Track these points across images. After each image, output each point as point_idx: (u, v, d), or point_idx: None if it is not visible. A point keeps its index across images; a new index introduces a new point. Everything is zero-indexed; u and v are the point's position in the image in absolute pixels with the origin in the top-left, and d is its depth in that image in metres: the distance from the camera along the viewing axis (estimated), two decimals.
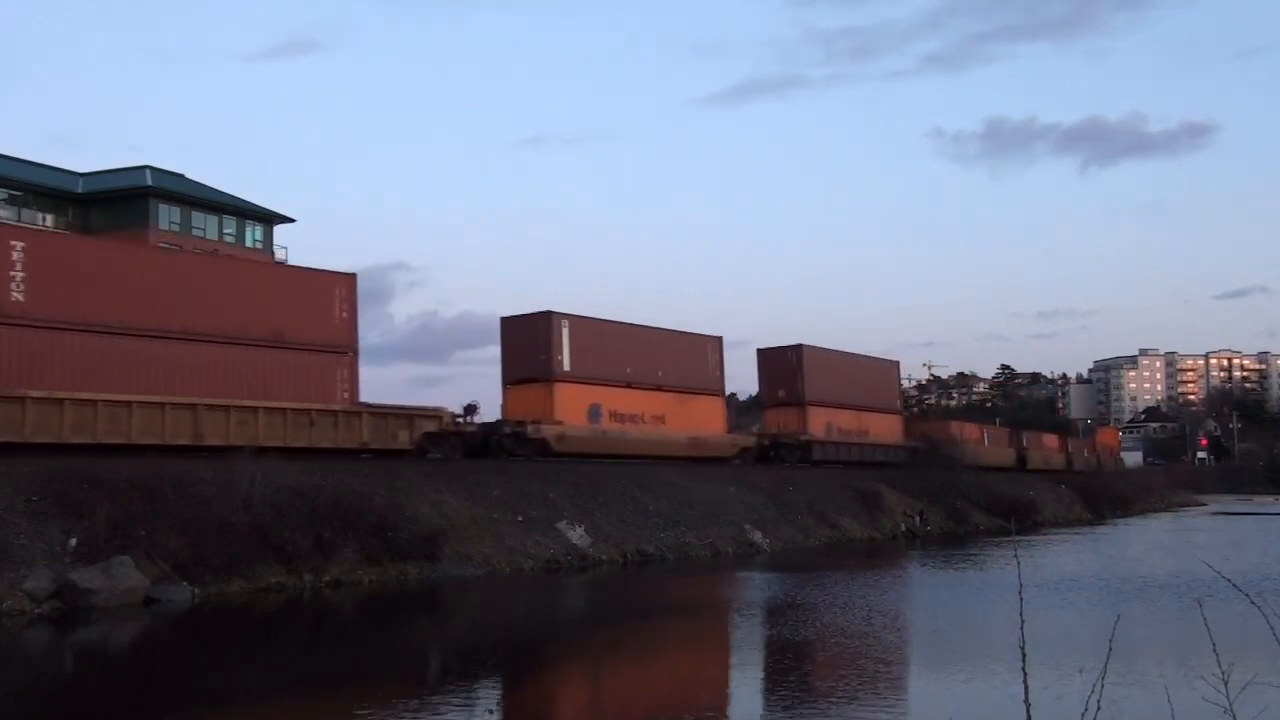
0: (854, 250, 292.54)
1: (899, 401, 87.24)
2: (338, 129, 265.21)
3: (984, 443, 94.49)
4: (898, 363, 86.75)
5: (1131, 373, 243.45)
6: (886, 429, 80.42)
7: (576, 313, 58.47)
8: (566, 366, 56.51)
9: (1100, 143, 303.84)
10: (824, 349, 75.93)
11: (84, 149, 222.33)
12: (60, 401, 36.35)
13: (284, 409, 42.28)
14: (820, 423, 72.91)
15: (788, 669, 22.41)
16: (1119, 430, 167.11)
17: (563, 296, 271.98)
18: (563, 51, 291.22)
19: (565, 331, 56.92)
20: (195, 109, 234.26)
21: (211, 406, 40.16)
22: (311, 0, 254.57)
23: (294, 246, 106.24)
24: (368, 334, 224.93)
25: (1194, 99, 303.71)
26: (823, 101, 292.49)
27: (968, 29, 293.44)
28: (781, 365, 73.51)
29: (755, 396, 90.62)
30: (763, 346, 74.42)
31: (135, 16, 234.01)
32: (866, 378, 79.11)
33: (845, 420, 75.68)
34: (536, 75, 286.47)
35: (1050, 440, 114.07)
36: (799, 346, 73.57)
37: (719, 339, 67.04)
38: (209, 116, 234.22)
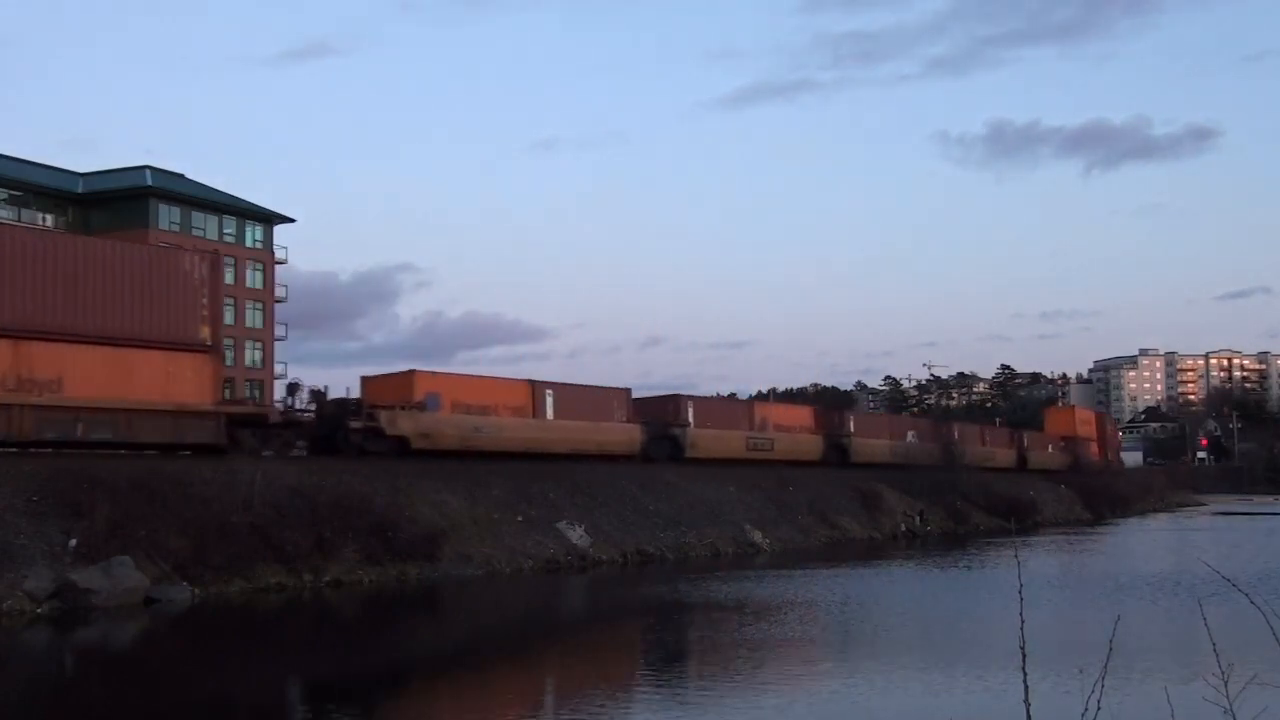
0: (858, 251, 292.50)
1: (204, 328, 41.14)
2: (350, 131, 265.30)
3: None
4: (212, 256, 43.90)
5: (1131, 373, 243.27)
6: (146, 379, 39.23)
7: None
8: None
9: (1104, 146, 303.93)
10: None
11: (97, 154, 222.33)
12: None
13: None
14: None
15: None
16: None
17: (568, 297, 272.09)
18: (573, 55, 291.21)
19: None
20: (211, 115, 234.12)
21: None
22: (328, 6, 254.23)
23: (301, 247, 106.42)
24: (372, 334, 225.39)
25: (1198, 103, 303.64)
26: (830, 105, 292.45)
27: (973, 33, 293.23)
28: None
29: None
30: None
31: (150, 23, 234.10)
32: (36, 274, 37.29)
33: None
34: (547, 79, 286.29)
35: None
36: None
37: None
38: (224, 121, 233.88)
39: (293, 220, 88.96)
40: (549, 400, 56.65)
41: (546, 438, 54.76)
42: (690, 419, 63.21)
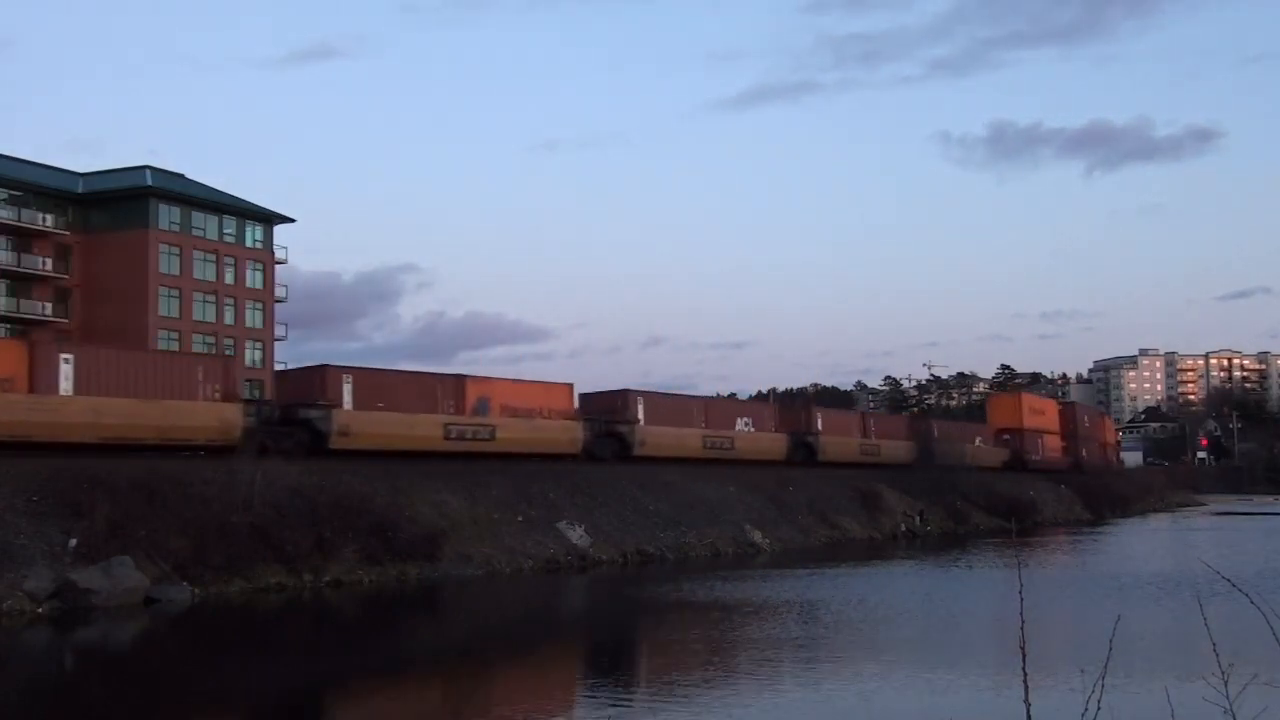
0: (860, 251, 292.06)
1: None
2: (354, 132, 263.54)
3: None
4: None
5: (1131, 373, 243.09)
6: None
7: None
8: None
9: (1105, 147, 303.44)
10: None
11: (100, 154, 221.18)
12: None
13: None
14: None
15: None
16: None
17: (569, 298, 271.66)
18: (575, 57, 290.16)
19: None
20: (215, 117, 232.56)
21: None
22: (331, 9, 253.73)
23: (306, 247, 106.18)
24: (374, 334, 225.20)
25: (1199, 104, 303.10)
26: (832, 106, 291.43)
27: (975, 35, 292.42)
28: None
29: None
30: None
31: (154, 25, 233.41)
32: None
33: None
34: (551, 80, 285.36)
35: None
36: None
37: None
38: (228, 123, 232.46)
39: (292, 220, 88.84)
40: (64, 369, 39.43)
41: (54, 422, 38.22)
42: (347, 399, 46.74)
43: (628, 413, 59.15)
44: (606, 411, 58.93)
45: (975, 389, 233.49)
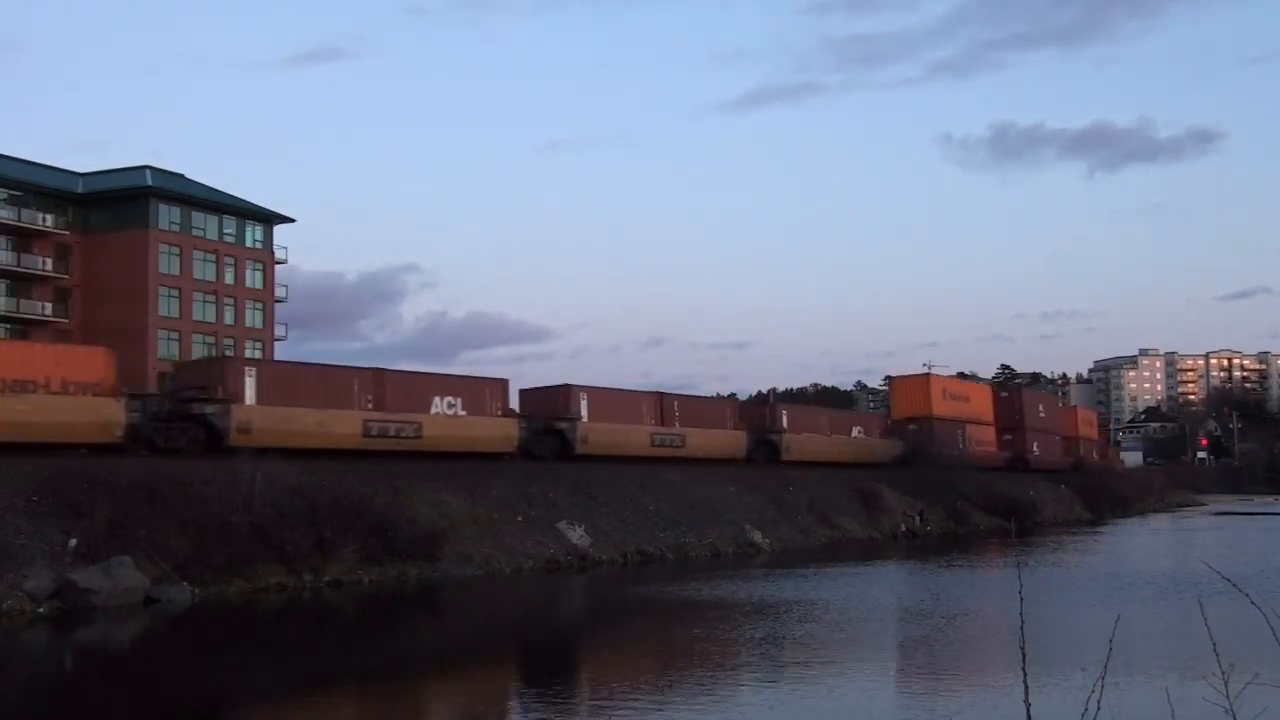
0: (861, 252, 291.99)
1: None
2: (359, 133, 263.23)
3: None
4: None
5: (1131, 373, 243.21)
6: None
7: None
8: None
9: (1107, 148, 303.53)
10: None
11: (103, 156, 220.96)
12: None
13: None
14: None
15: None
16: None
17: (571, 298, 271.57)
18: (579, 58, 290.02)
19: None
20: (220, 118, 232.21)
21: None
22: (336, 10, 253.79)
23: (309, 248, 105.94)
24: (375, 335, 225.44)
25: (1201, 105, 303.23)
26: (835, 107, 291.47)
27: (977, 36, 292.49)
28: None
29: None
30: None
31: (158, 26, 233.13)
32: None
33: None
34: (554, 80, 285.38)
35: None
36: None
37: None
38: (233, 125, 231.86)
39: (292, 220, 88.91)
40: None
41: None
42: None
43: (226, 389, 43.31)
44: (194, 387, 44.33)
45: None
